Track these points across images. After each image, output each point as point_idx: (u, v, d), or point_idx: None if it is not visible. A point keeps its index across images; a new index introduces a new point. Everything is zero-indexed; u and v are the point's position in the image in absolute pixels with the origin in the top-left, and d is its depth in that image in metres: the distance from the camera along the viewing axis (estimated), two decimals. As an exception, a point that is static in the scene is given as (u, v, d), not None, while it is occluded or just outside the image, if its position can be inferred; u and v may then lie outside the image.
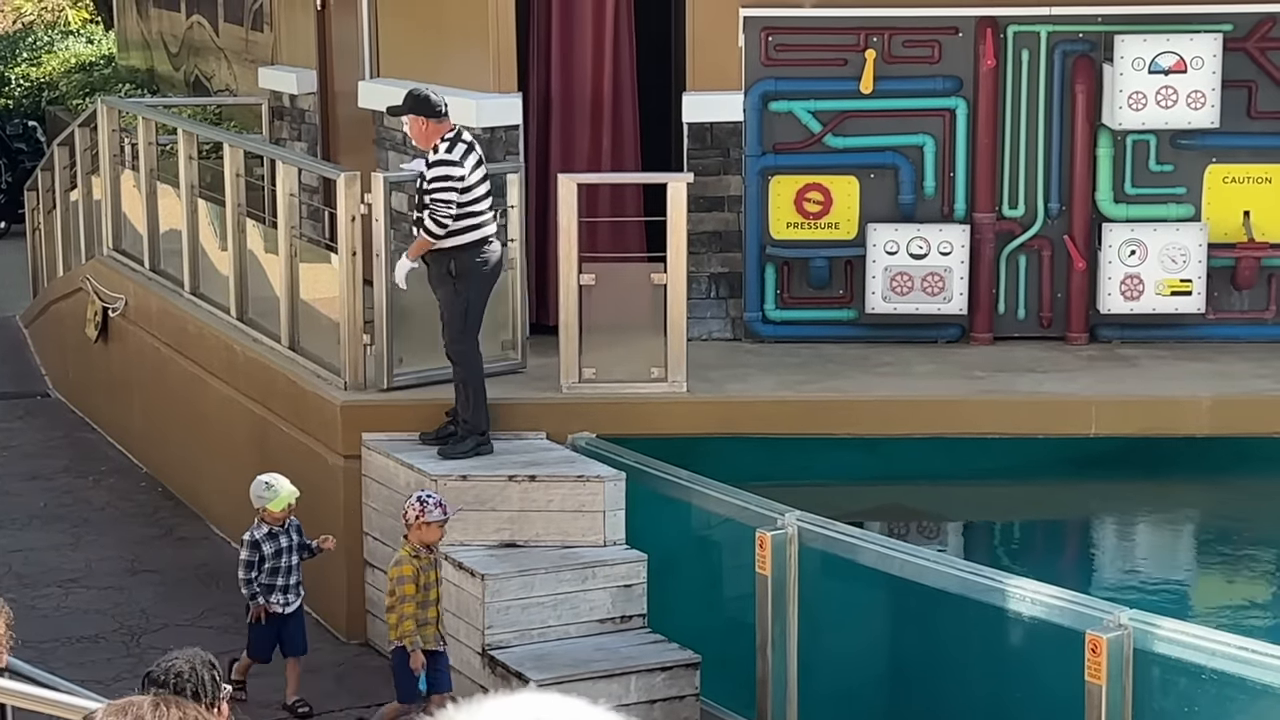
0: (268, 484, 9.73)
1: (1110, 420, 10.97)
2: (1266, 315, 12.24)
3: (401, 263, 10.27)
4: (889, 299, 12.11)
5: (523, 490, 9.81)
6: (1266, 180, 12.11)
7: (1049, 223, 12.24)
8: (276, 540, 9.70)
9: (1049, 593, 8.20)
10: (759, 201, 12.25)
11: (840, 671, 9.26)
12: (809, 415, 11.01)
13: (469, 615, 9.44)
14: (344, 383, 10.81)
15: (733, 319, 12.45)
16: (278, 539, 9.70)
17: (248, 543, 9.73)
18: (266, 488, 9.71)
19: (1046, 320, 12.31)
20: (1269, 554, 11.45)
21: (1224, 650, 7.54)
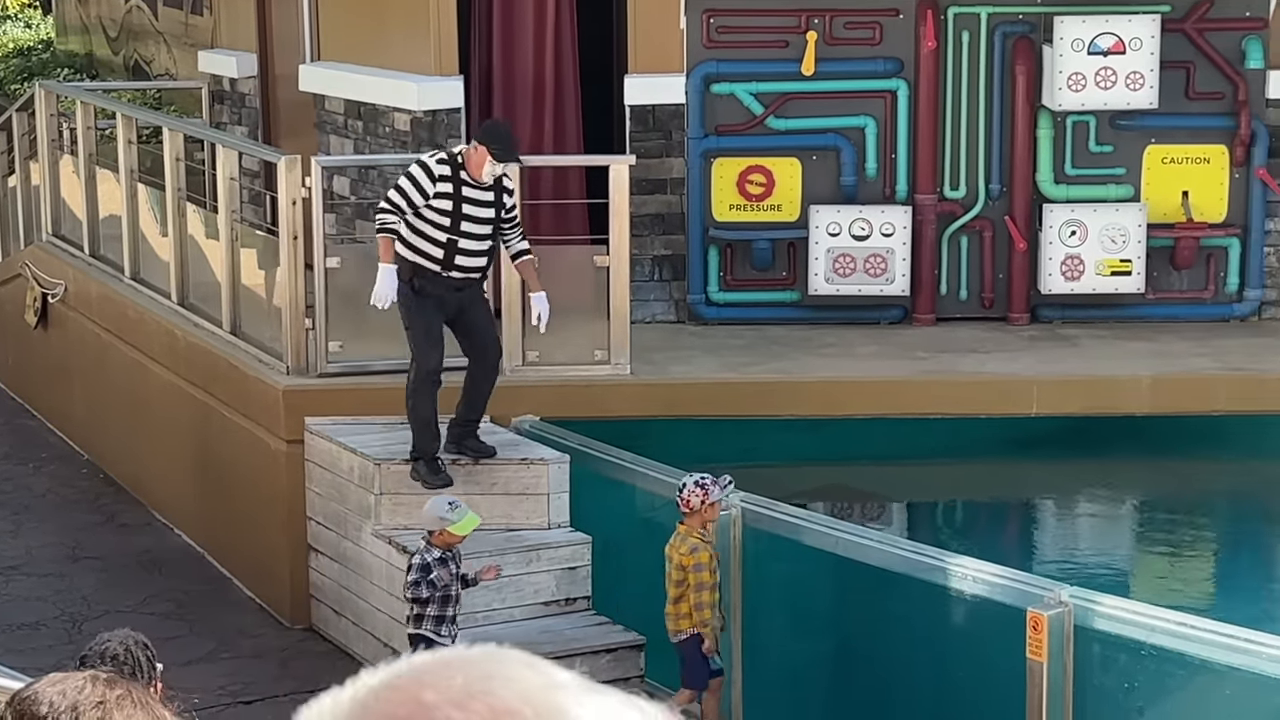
0: (452, 504, 8.58)
1: (1051, 400, 11.04)
2: (1205, 295, 12.33)
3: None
4: (832, 280, 12.14)
5: (467, 473, 9.79)
6: (1205, 161, 12.19)
7: (990, 204, 12.29)
8: (447, 565, 8.61)
9: (991, 571, 8.25)
10: (701, 184, 12.25)
11: (785, 651, 9.28)
12: (752, 397, 11.03)
13: (413, 599, 9.42)
14: (286, 367, 10.77)
15: (676, 301, 12.46)
16: (448, 564, 8.62)
17: (417, 565, 8.53)
18: (451, 508, 8.54)
19: (988, 301, 12.37)
20: (1208, 531, 11.56)
21: (1163, 626, 7.61)
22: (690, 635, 8.71)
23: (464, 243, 9.36)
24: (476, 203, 9.38)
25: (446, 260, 9.38)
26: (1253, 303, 12.31)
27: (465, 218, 9.35)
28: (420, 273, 9.38)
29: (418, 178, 9.35)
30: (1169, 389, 11.06)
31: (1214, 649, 7.43)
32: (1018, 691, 7.80)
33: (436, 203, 9.31)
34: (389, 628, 9.65)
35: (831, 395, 11.06)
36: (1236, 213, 12.21)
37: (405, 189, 9.36)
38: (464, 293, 9.48)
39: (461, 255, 9.36)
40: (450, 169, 9.36)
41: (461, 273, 9.40)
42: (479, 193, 9.38)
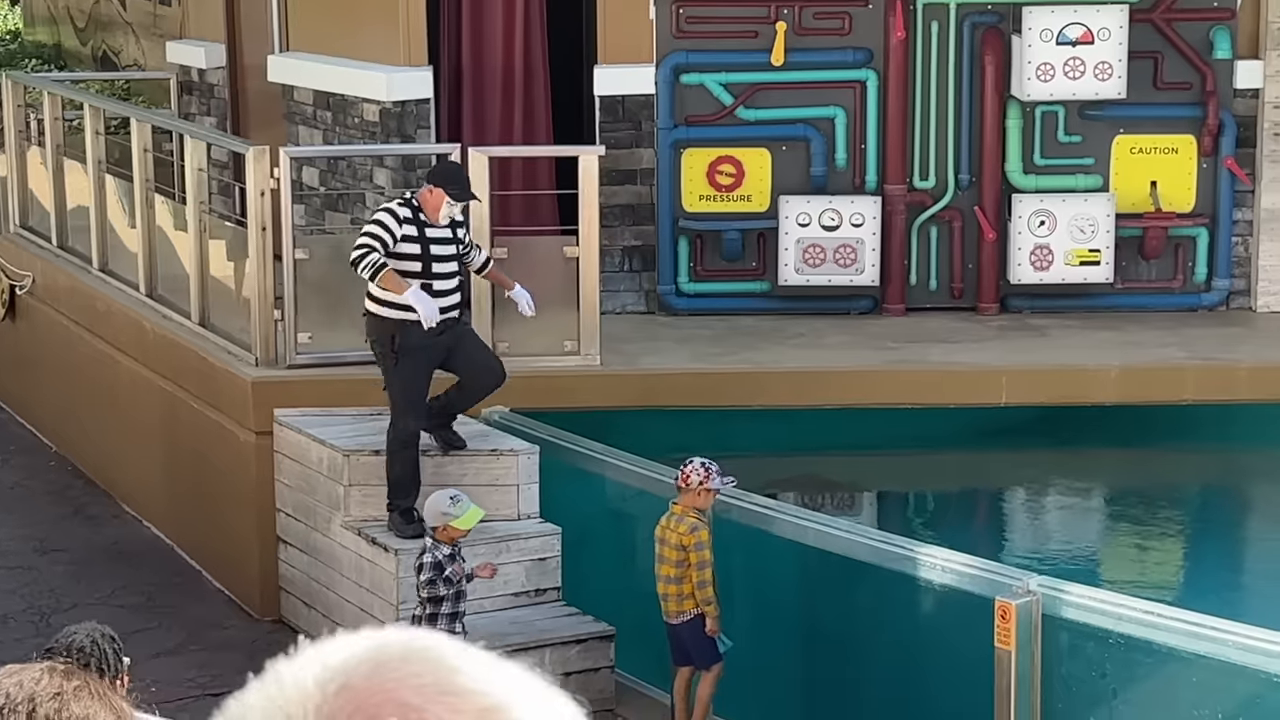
0: (454, 498, 8.51)
1: (1020, 389, 11.06)
2: (1174, 284, 12.36)
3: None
4: (801, 271, 12.15)
5: (436, 465, 9.77)
6: (1173, 151, 12.23)
7: (959, 194, 12.31)
8: (457, 561, 8.50)
9: (959, 560, 8.27)
10: (671, 174, 12.25)
11: (754, 640, 9.28)
12: (723, 387, 11.04)
13: (382, 590, 9.41)
14: (255, 359, 10.74)
15: (646, 292, 12.45)
16: (457, 560, 8.51)
17: (429, 564, 8.45)
18: (453, 502, 8.48)
19: (958, 291, 12.39)
20: (1176, 520, 11.60)
21: (1130, 615, 7.63)
22: (694, 616, 8.66)
23: (438, 284, 9.21)
24: (440, 242, 9.28)
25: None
26: (1221, 292, 12.35)
27: (434, 259, 9.23)
28: (401, 327, 9.17)
29: (384, 220, 9.21)
30: (1137, 379, 11.09)
31: (1181, 637, 7.47)
32: (986, 680, 7.82)
33: (404, 247, 9.16)
34: (358, 619, 9.63)
35: (801, 385, 11.07)
36: (1205, 202, 12.25)
37: (375, 231, 9.18)
38: (447, 335, 9.30)
39: (438, 297, 9.19)
40: (411, 212, 9.24)
41: (441, 313, 9.22)
42: (440, 232, 9.28)
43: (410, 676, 1.32)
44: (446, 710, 1.31)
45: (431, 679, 1.32)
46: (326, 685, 1.33)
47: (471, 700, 1.32)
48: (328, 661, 1.34)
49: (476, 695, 1.33)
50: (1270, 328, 11.94)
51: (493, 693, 1.33)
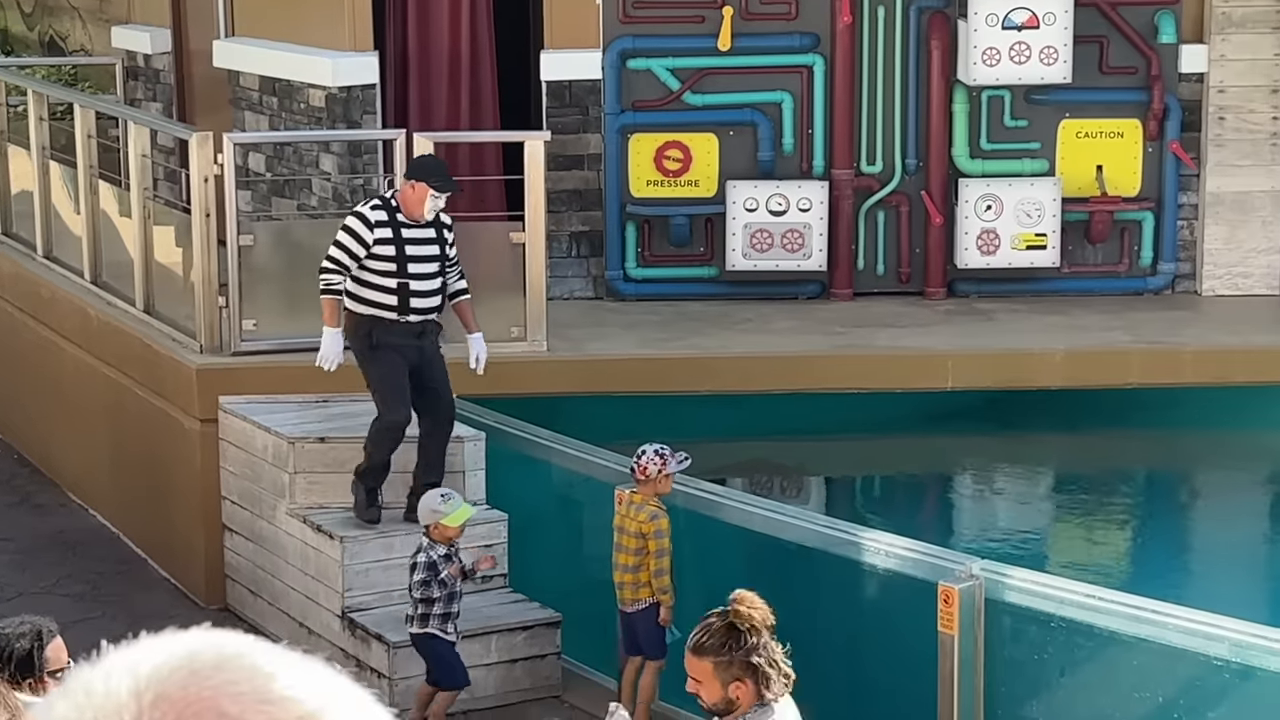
0: (444, 496, 8.57)
1: (966, 374, 11.10)
2: (1120, 268, 12.41)
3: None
4: (749, 256, 12.16)
5: (383, 452, 9.74)
6: (1119, 135, 12.27)
7: (906, 179, 12.33)
8: (452, 562, 8.55)
9: (903, 545, 8.30)
10: (619, 159, 12.24)
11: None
12: (670, 373, 11.04)
13: (327, 578, 9.39)
14: (200, 346, 10.69)
15: (594, 277, 12.44)
16: (453, 560, 8.55)
17: (423, 564, 8.49)
18: (443, 500, 8.53)
19: (905, 276, 12.41)
20: (1121, 503, 11.66)
21: (1072, 598, 7.67)
22: (649, 605, 8.65)
23: (415, 284, 9.14)
24: (419, 242, 9.16)
25: (402, 305, 9.14)
26: (1166, 276, 12.40)
27: (411, 259, 9.13)
28: (377, 324, 9.12)
29: (355, 229, 9.11)
30: (1082, 362, 11.14)
31: (1122, 620, 7.50)
32: (930, 664, 7.85)
33: (379, 249, 9.07)
34: (304, 607, 9.62)
35: (749, 370, 11.09)
36: (1150, 186, 12.29)
37: (345, 243, 9.10)
38: (424, 340, 9.22)
39: (415, 297, 9.13)
40: (386, 213, 9.13)
41: (419, 315, 9.16)
42: (419, 231, 9.16)
43: (226, 684, 1.31)
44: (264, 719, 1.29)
45: (248, 686, 1.31)
46: (141, 695, 1.30)
47: (288, 707, 1.31)
48: (138, 670, 1.31)
49: (293, 702, 1.31)
50: (1215, 311, 12.00)
51: (309, 699, 1.33)
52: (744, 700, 5.39)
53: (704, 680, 5.43)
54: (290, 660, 1.35)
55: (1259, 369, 11.15)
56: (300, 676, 1.34)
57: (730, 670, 5.39)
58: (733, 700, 5.41)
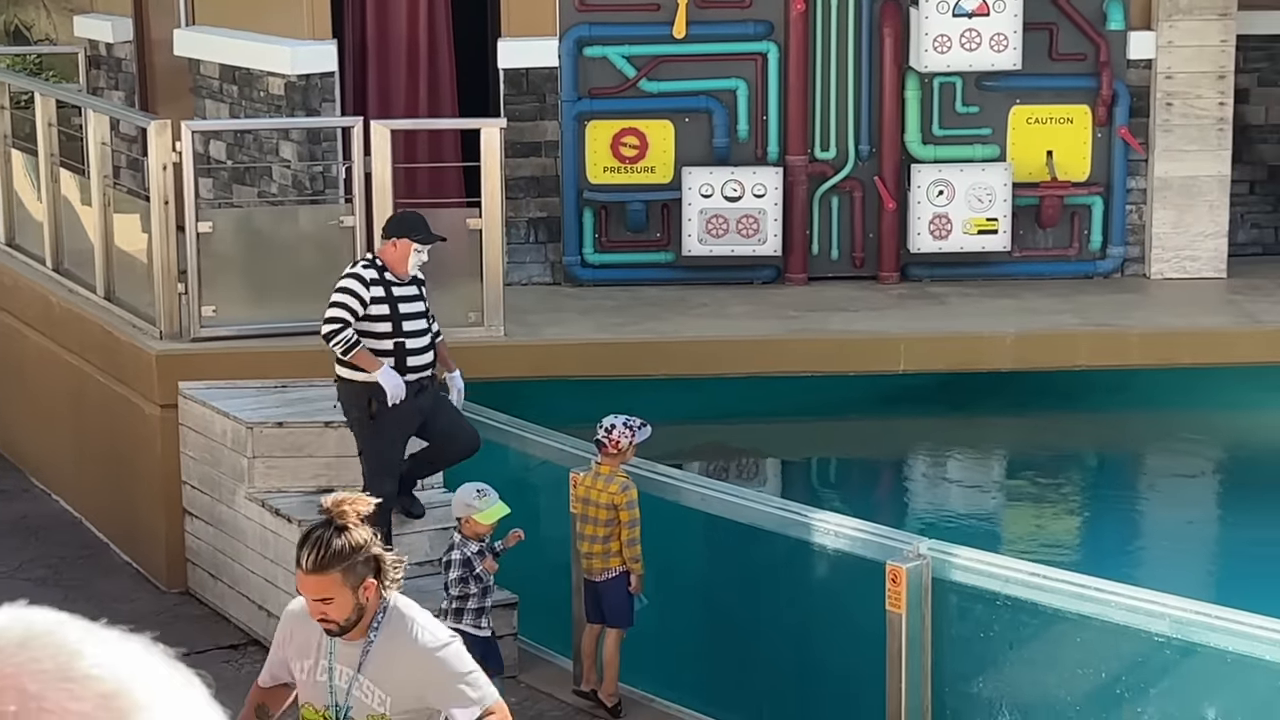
0: (480, 491, 8.41)
1: (919, 357, 11.25)
2: (1069, 252, 12.58)
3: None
4: (705, 241, 12.29)
5: (340, 436, 9.84)
6: (1068, 121, 12.43)
7: (860, 164, 12.47)
8: (485, 558, 8.46)
9: (852, 526, 8.42)
10: (576, 146, 12.36)
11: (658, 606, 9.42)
12: (627, 357, 11.17)
13: (286, 561, 9.47)
14: (159, 332, 10.78)
15: (552, 263, 12.56)
16: (486, 556, 8.47)
17: (458, 561, 8.43)
18: (478, 495, 8.39)
19: (859, 260, 12.56)
20: (1070, 483, 11.83)
21: (1017, 577, 7.80)
22: (618, 575, 8.77)
23: (410, 342, 9.04)
24: (408, 298, 9.06)
25: (399, 366, 9.01)
26: (1115, 260, 12.57)
27: (404, 316, 9.03)
28: (376, 390, 8.96)
29: (351, 286, 8.96)
30: (1033, 345, 11.30)
31: (1066, 599, 7.64)
32: (879, 642, 7.98)
33: (374, 309, 8.95)
34: (263, 591, 9.73)
35: (705, 355, 11.22)
36: (1099, 171, 12.46)
37: (344, 301, 8.94)
38: (424, 396, 9.08)
39: (411, 355, 9.03)
40: (376, 272, 9.01)
41: (415, 374, 9.03)
42: (406, 288, 9.06)
43: (30, 662, 1.29)
44: (67, 697, 1.27)
45: (52, 664, 1.29)
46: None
47: (91, 686, 1.29)
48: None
49: (97, 680, 1.29)
50: (1163, 294, 12.18)
51: (114, 677, 1.30)
52: (372, 600, 5.13)
53: (334, 595, 5.10)
54: (101, 637, 1.33)
55: (1205, 351, 11.33)
56: (108, 654, 1.32)
57: (357, 572, 5.12)
58: (362, 605, 5.12)
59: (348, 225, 10.90)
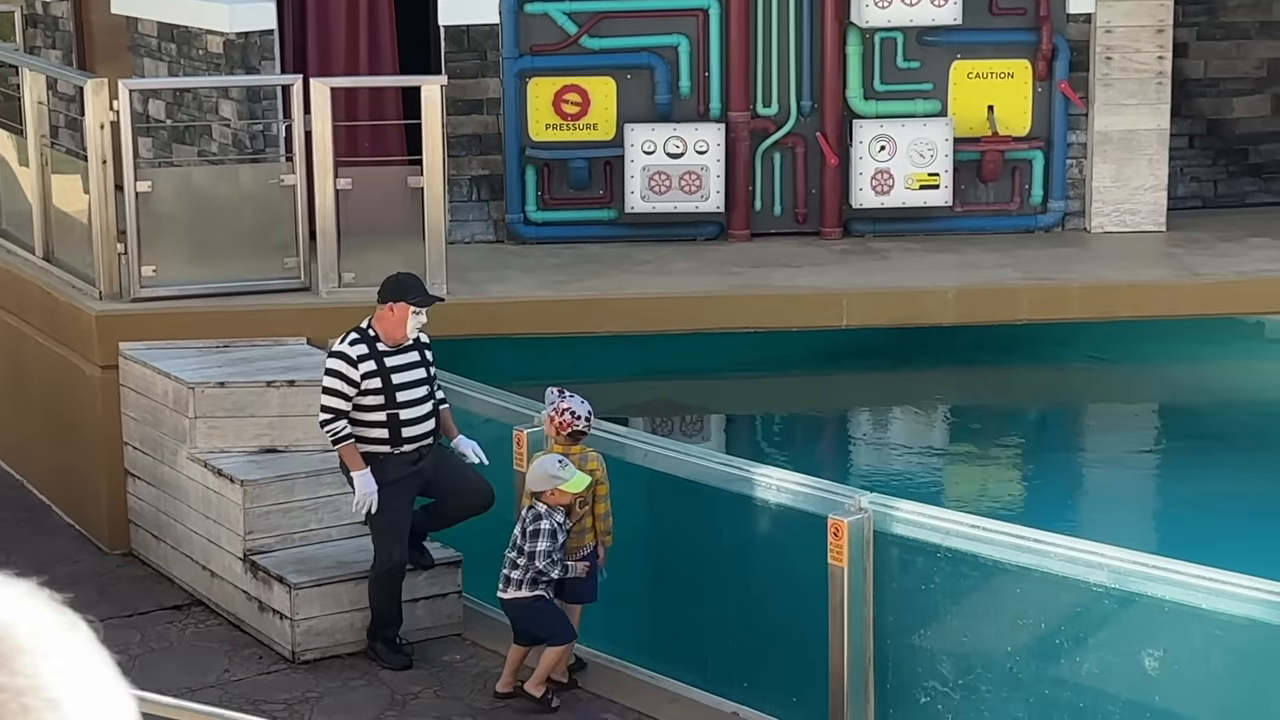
0: (560, 462, 8.36)
1: (861, 312, 11.28)
2: (1011, 207, 12.62)
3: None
4: (648, 198, 12.28)
5: (282, 396, 9.84)
6: (1009, 75, 12.46)
7: (802, 120, 12.48)
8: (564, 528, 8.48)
9: (794, 480, 8.46)
10: (517, 104, 12.32)
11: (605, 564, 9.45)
12: (570, 314, 11.16)
13: (229, 521, 9.48)
14: (99, 292, 10.72)
15: (495, 221, 12.53)
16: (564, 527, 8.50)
17: (548, 531, 8.35)
18: (561, 465, 8.34)
19: (801, 216, 12.58)
20: (1012, 436, 11.91)
21: (958, 530, 7.86)
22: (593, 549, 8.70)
23: (405, 413, 8.73)
24: (403, 368, 8.77)
25: (394, 438, 8.74)
26: (1056, 214, 12.63)
27: (398, 388, 8.72)
28: (373, 461, 8.70)
29: (342, 371, 8.68)
30: (974, 300, 11.34)
31: (1006, 550, 7.70)
32: (822, 596, 8.03)
33: (367, 384, 8.66)
34: (206, 550, 9.71)
35: (648, 311, 11.22)
36: (1040, 126, 12.50)
37: (335, 388, 8.67)
38: (424, 463, 8.83)
39: (407, 426, 8.74)
40: (366, 346, 8.72)
41: (413, 444, 8.77)
42: (402, 356, 8.77)
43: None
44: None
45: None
46: None
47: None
48: None
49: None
50: (1103, 248, 12.24)
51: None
52: None
53: None
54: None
55: (1144, 304, 11.40)
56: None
57: None
58: None
59: (288, 184, 10.87)
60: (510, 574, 8.47)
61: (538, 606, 8.48)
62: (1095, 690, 7.46)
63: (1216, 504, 10.41)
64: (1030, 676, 7.63)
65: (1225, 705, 7.26)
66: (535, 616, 8.52)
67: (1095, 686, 7.46)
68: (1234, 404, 12.09)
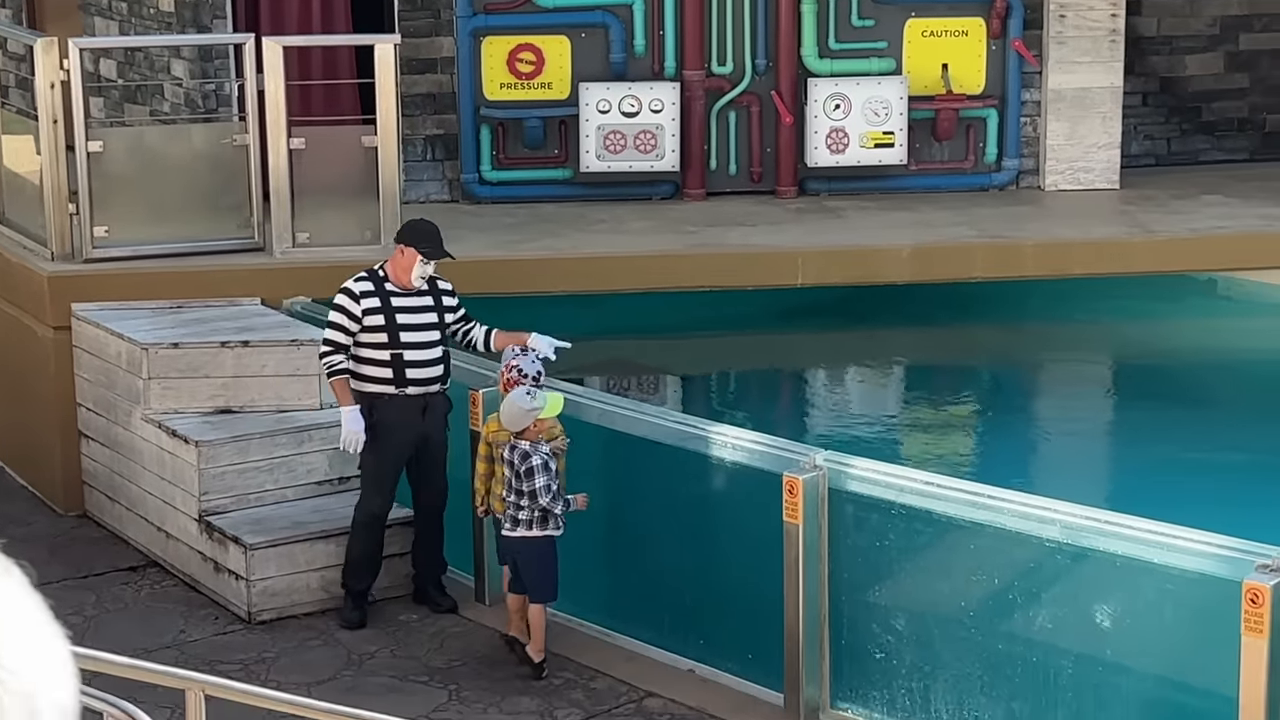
0: (529, 393, 8.19)
1: (816, 271, 11.30)
2: (965, 165, 12.65)
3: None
4: (603, 157, 12.27)
5: (236, 356, 9.81)
6: (963, 34, 12.47)
7: (757, 79, 12.47)
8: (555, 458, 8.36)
9: (749, 438, 8.47)
10: (471, 63, 12.28)
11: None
12: (526, 274, 11.15)
13: (184, 482, 9.45)
14: (51, 253, 10.66)
15: (450, 181, 12.50)
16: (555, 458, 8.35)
17: (540, 466, 8.26)
18: (530, 397, 8.17)
19: (757, 175, 12.58)
20: (967, 394, 11.95)
21: (912, 486, 7.88)
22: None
23: (410, 354, 8.71)
24: (411, 309, 8.74)
25: (398, 378, 8.72)
26: (1010, 172, 12.66)
27: (403, 328, 8.70)
28: (377, 401, 8.69)
29: (343, 304, 8.69)
30: (928, 258, 11.37)
31: (959, 506, 7.72)
32: (777, 553, 8.05)
33: (369, 320, 8.67)
34: (161, 511, 9.68)
35: (603, 271, 11.22)
36: (994, 84, 12.53)
37: (335, 321, 8.70)
38: (429, 417, 8.79)
39: (412, 368, 8.71)
40: (373, 284, 8.71)
41: (419, 387, 8.73)
42: (412, 299, 8.74)
43: None
44: None
45: None
46: None
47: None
48: None
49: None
50: (1056, 206, 12.29)
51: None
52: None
53: None
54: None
55: (1098, 261, 11.45)
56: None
57: None
58: None
59: (241, 144, 10.82)
60: (518, 515, 8.35)
61: (545, 549, 8.39)
62: (1048, 645, 7.50)
63: (1169, 460, 10.48)
64: (984, 632, 7.67)
65: (1177, 660, 7.31)
66: (541, 559, 8.41)
67: (1048, 641, 7.51)
68: (1186, 361, 12.16)
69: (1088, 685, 7.27)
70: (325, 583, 9.12)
